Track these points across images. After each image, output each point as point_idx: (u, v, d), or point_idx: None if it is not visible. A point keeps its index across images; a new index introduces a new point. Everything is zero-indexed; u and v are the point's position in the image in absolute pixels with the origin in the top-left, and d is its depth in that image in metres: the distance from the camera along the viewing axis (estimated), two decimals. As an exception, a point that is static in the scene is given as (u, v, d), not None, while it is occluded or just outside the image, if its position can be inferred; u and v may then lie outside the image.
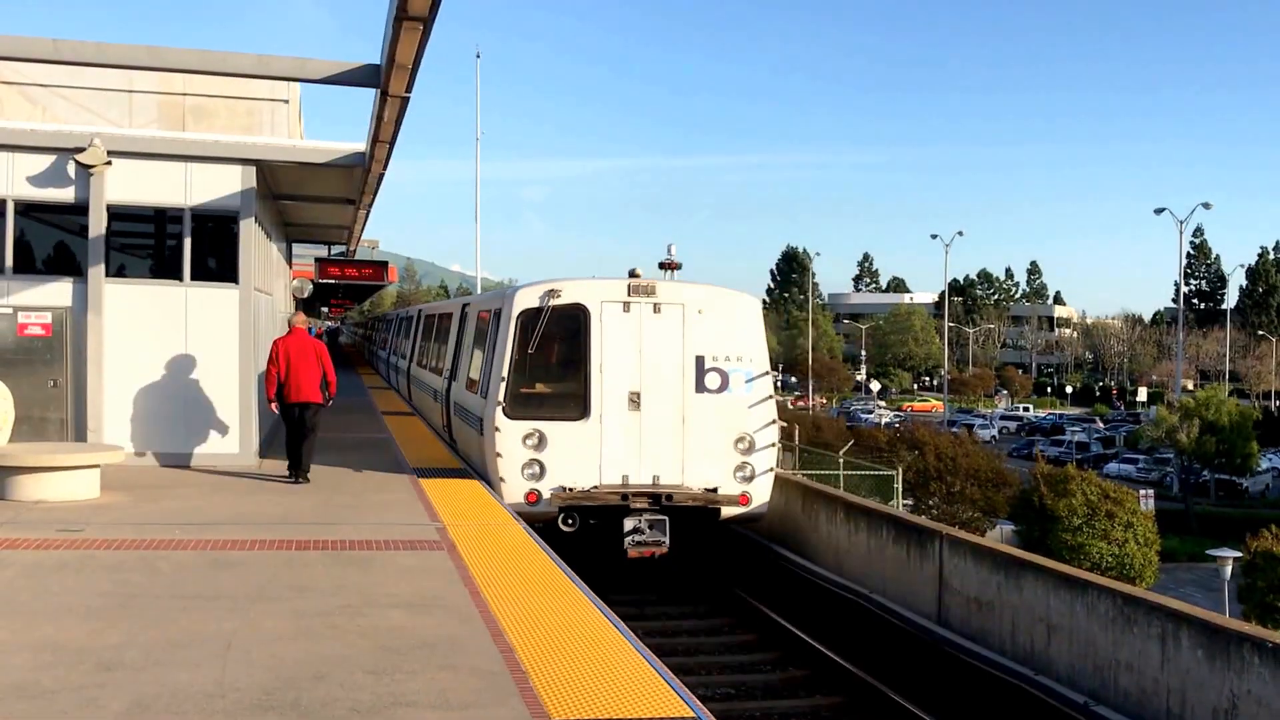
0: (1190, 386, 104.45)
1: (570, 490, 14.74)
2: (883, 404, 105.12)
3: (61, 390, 16.74)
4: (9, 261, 16.69)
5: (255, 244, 17.69)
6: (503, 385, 14.81)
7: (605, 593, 11.08)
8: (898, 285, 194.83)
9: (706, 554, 16.57)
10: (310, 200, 22.16)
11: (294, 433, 15.56)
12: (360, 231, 28.96)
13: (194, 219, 17.16)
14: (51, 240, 17.41)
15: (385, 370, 39.16)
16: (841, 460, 25.47)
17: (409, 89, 11.54)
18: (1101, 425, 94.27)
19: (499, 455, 14.80)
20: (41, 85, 20.28)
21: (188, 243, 17.17)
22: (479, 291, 30.53)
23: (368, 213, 23.03)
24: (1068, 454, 68.36)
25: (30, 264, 17.02)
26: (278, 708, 6.70)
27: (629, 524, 14.73)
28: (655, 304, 15.29)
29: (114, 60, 12.85)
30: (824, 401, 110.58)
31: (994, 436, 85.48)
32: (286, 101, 21.34)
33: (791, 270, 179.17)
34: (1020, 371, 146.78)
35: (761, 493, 15.51)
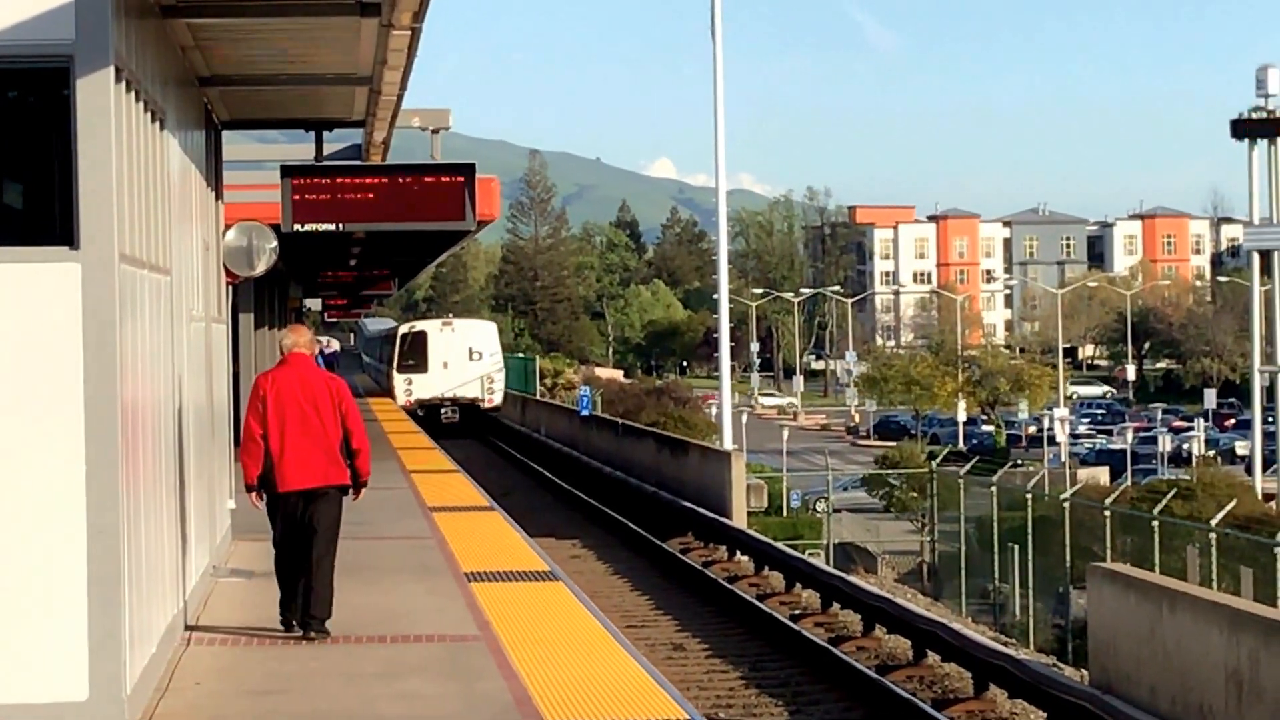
0: None
1: (422, 399, 53.99)
2: None
3: None
4: None
5: (126, 138, 9.03)
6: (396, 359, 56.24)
7: None
8: None
9: None
10: (257, 10, 10.56)
11: (291, 546, 11.51)
12: (400, 84, 13.09)
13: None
14: None
15: (380, 382, 61.53)
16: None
17: None
18: None
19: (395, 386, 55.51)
20: None
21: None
22: (723, 210, 35.63)
23: (414, 35, 11.59)
24: None
25: None
26: None
27: (442, 411, 53.72)
28: (453, 328, 57.10)
29: None
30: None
31: None
32: None
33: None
34: None
35: (497, 398, 55.97)
